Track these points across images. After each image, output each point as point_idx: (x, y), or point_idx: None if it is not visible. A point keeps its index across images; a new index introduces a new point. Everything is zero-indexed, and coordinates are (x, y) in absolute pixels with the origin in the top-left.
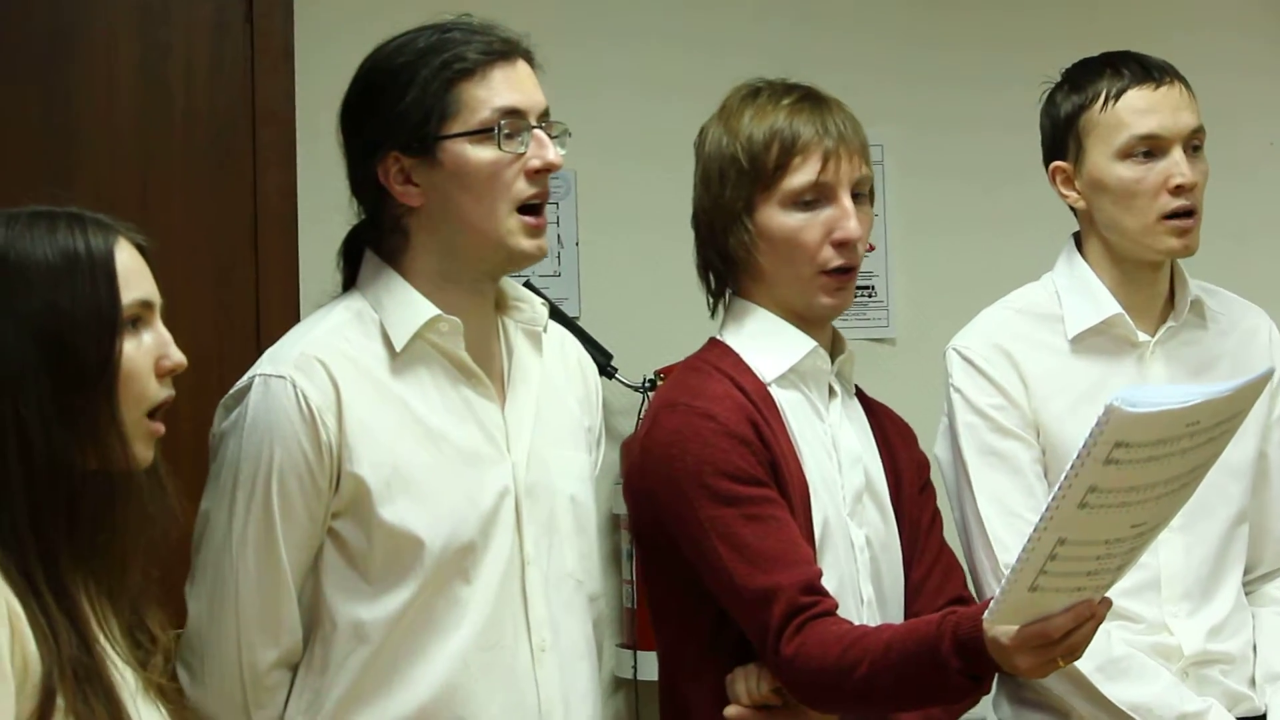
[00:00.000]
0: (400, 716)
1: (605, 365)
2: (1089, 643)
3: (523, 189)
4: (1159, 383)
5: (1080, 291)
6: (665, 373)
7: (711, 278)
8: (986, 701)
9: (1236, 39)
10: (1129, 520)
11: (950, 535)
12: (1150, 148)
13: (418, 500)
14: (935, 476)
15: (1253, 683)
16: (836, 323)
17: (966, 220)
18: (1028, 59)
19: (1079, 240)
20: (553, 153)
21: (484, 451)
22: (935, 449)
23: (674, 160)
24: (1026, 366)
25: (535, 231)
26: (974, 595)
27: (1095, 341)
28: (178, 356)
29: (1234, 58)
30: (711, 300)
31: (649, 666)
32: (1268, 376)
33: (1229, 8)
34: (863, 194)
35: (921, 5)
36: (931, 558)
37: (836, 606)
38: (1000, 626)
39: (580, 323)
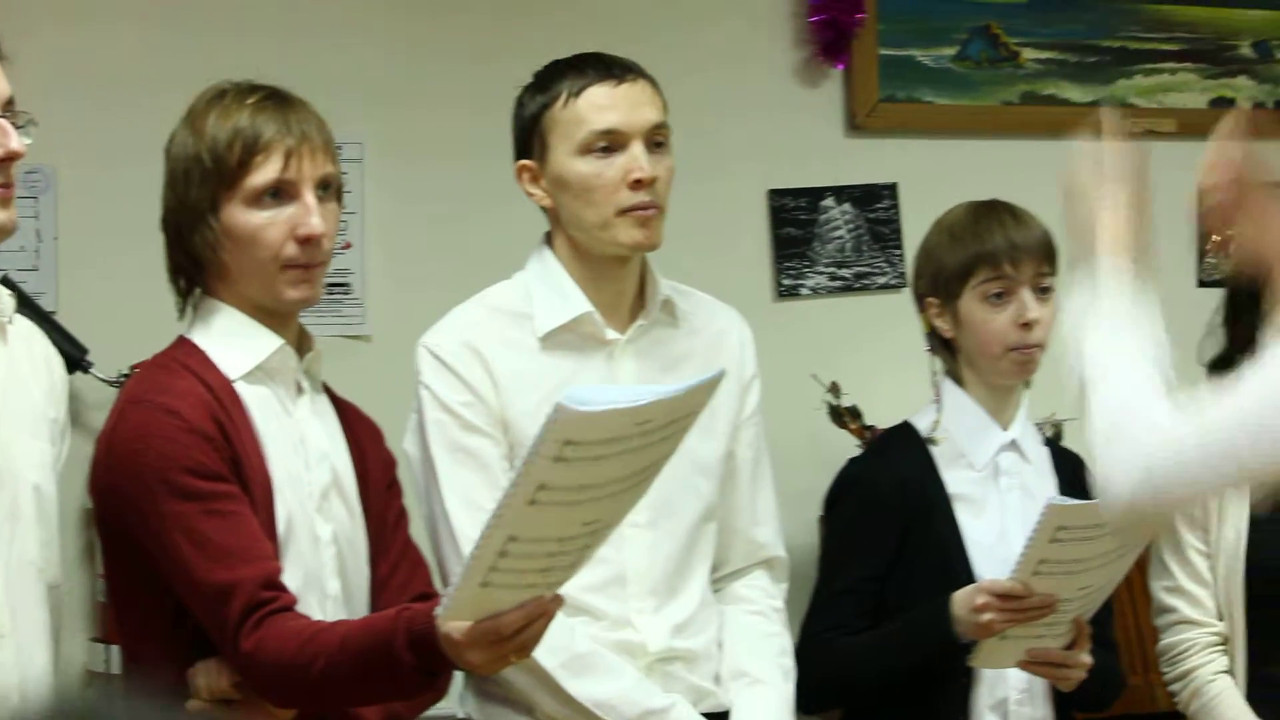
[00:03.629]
0: None
1: (80, 359)
2: (540, 639)
3: None
4: (629, 380)
5: (550, 289)
6: (139, 368)
7: (181, 280)
8: (456, 695)
9: (724, 33)
10: (581, 518)
11: (420, 531)
12: (609, 143)
13: None
14: (405, 473)
15: (717, 679)
16: (311, 320)
17: (445, 218)
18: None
19: (551, 239)
20: (15, 141)
21: None
22: (405, 444)
23: (157, 158)
24: (496, 364)
25: None
26: (440, 591)
27: (565, 339)
28: None
29: (723, 50)
30: (181, 302)
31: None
32: (719, 378)
33: None
34: (329, 191)
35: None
36: (397, 554)
37: (295, 602)
38: (453, 622)
39: (58, 317)
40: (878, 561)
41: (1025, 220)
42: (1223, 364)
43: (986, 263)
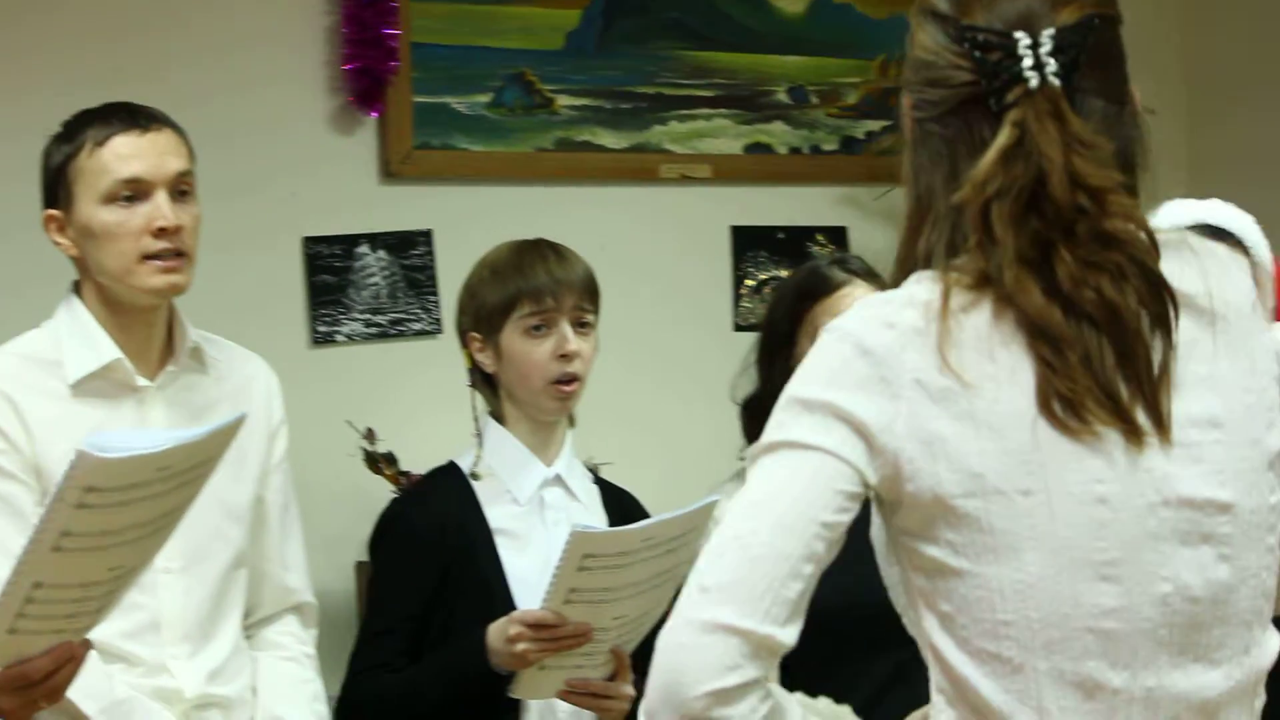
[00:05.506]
0: None
1: None
2: (70, 684)
3: None
4: (160, 426)
5: (79, 337)
6: None
7: None
8: None
9: (257, 79)
10: (105, 563)
11: None
12: (133, 192)
13: None
14: None
15: None
16: None
17: None
18: (19, 106)
19: (79, 287)
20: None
21: None
22: None
23: None
24: (28, 411)
25: None
26: None
27: (96, 385)
28: None
29: (256, 96)
30: None
31: None
32: (239, 422)
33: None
34: None
35: None
36: None
37: None
38: None
39: None
40: (417, 600)
41: (567, 257)
42: (755, 404)
43: (529, 296)
